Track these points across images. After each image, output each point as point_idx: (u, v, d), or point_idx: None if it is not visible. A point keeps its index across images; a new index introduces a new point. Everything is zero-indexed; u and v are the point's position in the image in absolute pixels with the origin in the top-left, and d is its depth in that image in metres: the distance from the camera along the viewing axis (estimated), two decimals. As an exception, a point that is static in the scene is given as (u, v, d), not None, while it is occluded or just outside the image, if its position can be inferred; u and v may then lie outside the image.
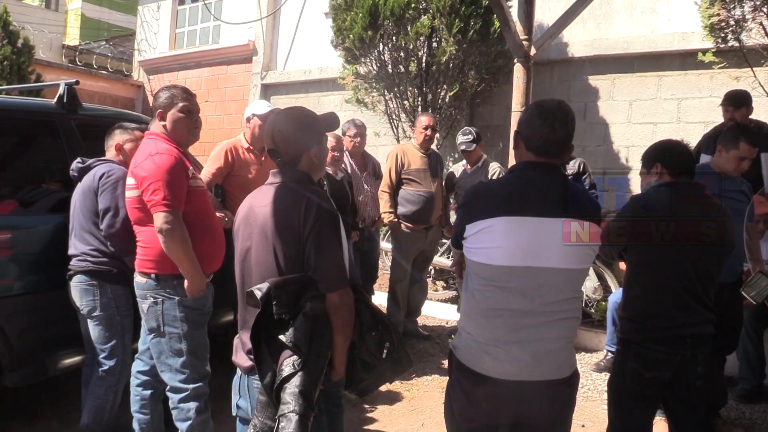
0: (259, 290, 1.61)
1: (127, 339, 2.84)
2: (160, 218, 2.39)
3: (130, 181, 2.55)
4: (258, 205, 1.81)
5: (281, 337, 1.59)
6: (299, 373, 1.57)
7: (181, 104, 2.56)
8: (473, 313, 1.77)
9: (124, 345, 2.82)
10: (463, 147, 4.65)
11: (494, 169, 4.70)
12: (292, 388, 1.55)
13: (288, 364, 1.58)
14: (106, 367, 2.79)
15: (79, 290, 2.80)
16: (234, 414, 1.87)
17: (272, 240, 1.72)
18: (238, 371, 1.85)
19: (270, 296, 1.59)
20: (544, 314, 1.70)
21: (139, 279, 2.57)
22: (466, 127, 4.91)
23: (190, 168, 2.55)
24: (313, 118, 1.90)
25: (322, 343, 1.66)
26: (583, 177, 4.76)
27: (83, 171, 2.87)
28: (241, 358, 1.81)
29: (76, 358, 3.06)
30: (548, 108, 1.77)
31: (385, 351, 1.84)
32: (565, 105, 1.80)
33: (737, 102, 4.05)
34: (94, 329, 2.80)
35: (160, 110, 2.58)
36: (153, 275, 2.51)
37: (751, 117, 4.14)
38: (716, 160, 3.03)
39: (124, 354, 2.82)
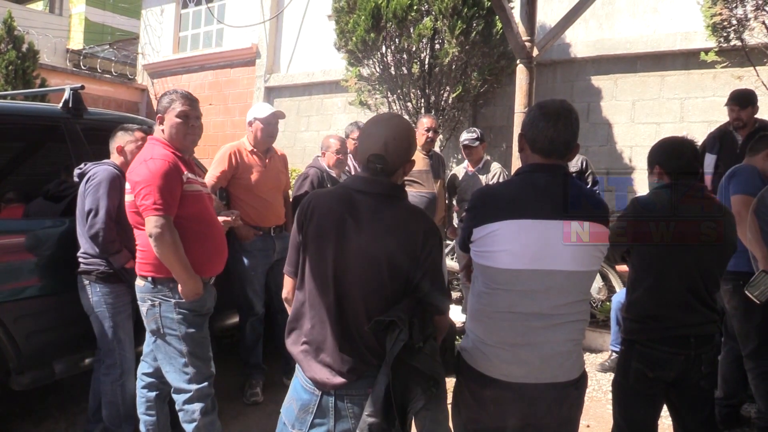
0: (399, 320, 1.56)
1: (121, 334, 2.86)
2: (150, 222, 2.40)
3: (128, 185, 2.58)
4: (361, 218, 1.68)
5: (419, 366, 1.57)
6: (436, 399, 1.57)
7: (178, 109, 2.56)
8: (480, 316, 1.77)
9: (119, 340, 2.86)
10: (466, 142, 4.64)
11: (495, 170, 4.69)
12: (434, 413, 1.55)
13: (423, 390, 1.56)
14: (106, 363, 2.87)
15: (79, 290, 2.88)
16: (296, 431, 1.73)
17: (387, 262, 1.64)
18: (302, 386, 1.73)
19: (411, 325, 1.57)
20: (551, 317, 1.69)
21: (138, 282, 2.60)
22: (471, 128, 4.93)
23: (186, 173, 2.54)
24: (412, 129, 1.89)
25: (442, 365, 1.66)
26: (586, 175, 4.77)
27: (82, 176, 2.91)
28: (326, 375, 1.68)
29: (84, 361, 3.09)
30: (551, 109, 1.75)
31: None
32: (567, 104, 1.78)
33: (743, 102, 4.05)
34: (94, 327, 2.88)
35: (159, 115, 2.59)
36: (150, 278, 2.53)
37: (756, 116, 4.14)
38: None
39: (121, 349, 2.86)
